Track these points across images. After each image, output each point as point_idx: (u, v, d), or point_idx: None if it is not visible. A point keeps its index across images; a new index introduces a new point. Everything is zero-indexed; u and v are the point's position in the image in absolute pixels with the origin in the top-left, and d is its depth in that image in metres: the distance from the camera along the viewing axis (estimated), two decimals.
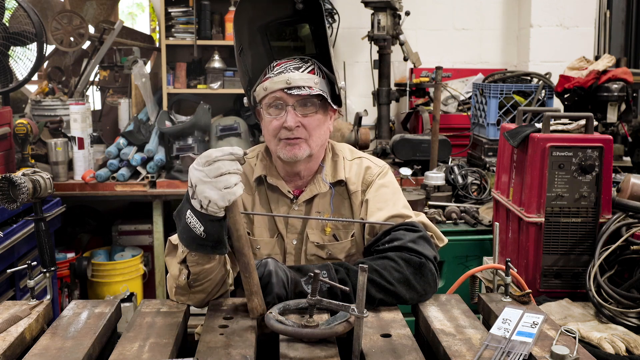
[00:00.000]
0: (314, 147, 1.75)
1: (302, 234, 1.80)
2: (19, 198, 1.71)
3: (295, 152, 1.72)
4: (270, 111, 1.73)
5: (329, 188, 1.81)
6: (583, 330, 1.88)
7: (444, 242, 1.79)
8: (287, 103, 1.70)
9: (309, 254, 1.79)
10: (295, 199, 1.81)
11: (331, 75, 1.76)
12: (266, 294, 1.46)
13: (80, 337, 1.39)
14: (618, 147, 3.37)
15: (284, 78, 1.69)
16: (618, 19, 4.81)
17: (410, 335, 1.40)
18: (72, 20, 4.10)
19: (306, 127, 1.71)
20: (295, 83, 1.68)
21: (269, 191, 1.83)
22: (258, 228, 1.81)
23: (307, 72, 1.72)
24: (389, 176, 1.85)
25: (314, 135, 1.73)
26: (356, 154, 1.89)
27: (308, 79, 1.70)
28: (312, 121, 1.72)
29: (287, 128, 1.70)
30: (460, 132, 4.34)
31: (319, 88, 1.71)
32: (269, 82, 1.71)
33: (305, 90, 1.69)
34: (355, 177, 1.82)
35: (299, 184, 1.83)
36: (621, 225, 2.17)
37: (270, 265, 1.49)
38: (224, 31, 4.25)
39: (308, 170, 1.81)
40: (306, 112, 1.71)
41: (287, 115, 1.70)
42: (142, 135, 3.96)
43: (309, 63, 1.75)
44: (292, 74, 1.70)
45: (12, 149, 3.58)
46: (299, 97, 1.69)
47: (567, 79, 3.47)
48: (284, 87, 1.69)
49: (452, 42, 4.89)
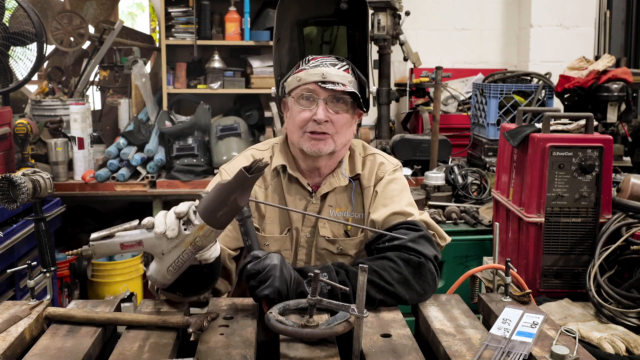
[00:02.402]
0: (339, 144, 1.75)
1: (314, 227, 1.80)
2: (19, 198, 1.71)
3: (320, 147, 1.72)
4: (301, 102, 1.73)
5: (349, 182, 1.81)
6: (583, 330, 1.88)
7: (446, 241, 1.79)
8: (319, 96, 1.70)
9: (319, 248, 1.79)
10: (314, 193, 1.81)
11: (363, 79, 1.77)
12: (267, 286, 1.45)
13: (80, 337, 1.39)
14: (618, 147, 3.36)
15: (319, 71, 1.69)
16: (618, 19, 4.82)
17: (410, 335, 1.40)
18: (72, 20, 4.10)
19: (334, 124, 1.71)
20: (330, 78, 1.69)
21: (287, 183, 1.82)
22: (270, 224, 1.80)
23: (342, 70, 1.73)
24: (399, 173, 1.85)
25: (340, 133, 1.73)
26: (369, 150, 1.89)
27: (343, 76, 1.71)
28: (340, 118, 1.72)
29: (316, 121, 1.70)
30: (460, 132, 4.34)
31: (352, 87, 1.71)
32: (303, 74, 1.72)
33: (339, 87, 1.69)
34: (369, 172, 1.83)
35: (316, 180, 1.83)
36: (621, 225, 2.17)
37: (275, 259, 1.48)
38: (224, 31, 4.25)
39: (328, 167, 1.81)
40: (337, 109, 1.72)
41: (318, 108, 1.70)
42: (142, 135, 3.96)
43: (344, 62, 1.76)
44: (328, 69, 1.70)
45: (12, 149, 3.58)
46: (333, 92, 1.70)
47: (567, 79, 3.47)
48: (318, 80, 1.69)
49: (452, 42, 4.89)
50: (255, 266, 1.46)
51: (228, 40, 4.24)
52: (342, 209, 1.81)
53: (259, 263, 1.47)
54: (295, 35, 1.87)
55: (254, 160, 1.33)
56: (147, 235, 1.37)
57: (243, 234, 1.59)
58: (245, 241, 1.58)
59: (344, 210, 1.81)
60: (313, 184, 1.82)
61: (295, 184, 1.82)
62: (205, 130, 4.03)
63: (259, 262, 1.47)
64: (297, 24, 1.86)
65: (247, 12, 4.18)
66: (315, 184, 1.82)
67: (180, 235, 1.34)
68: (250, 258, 1.49)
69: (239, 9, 4.22)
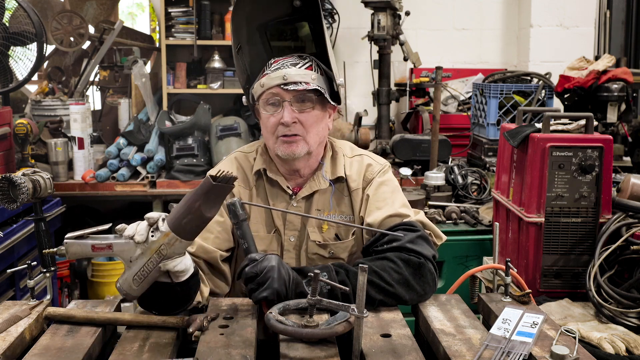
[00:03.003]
0: (312, 144, 1.73)
1: (301, 231, 1.79)
2: (19, 198, 1.71)
3: (292, 150, 1.71)
4: (267, 108, 1.72)
5: (329, 185, 1.80)
6: (583, 330, 1.88)
7: (442, 240, 1.78)
8: (283, 99, 1.69)
9: (310, 253, 1.78)
10: (294, 195, 1.80)
11: (329, 72, 1.75)
12: (265, 288, 1.44)
13: (80, 337, 1.39)
14: (618, 147, 3.36)
15: (280, 74, 1.68)
16: (618, 19, 4.82)
17: (410, 335, 1.40)
18: (72, 20, 4.10)
19: (303, 124, 1.70)
20: (291, 78, 1.67)
21: (268, 185, 1.81)
22: (255, 224, 1.79)
23: (304, 68, 1.71)
24: (389, 174, 1.84)
25: (311, 132, 1.72)
26: (357, 151, 1.88)
27: (305, 74, 1.69)
28: (309, 117, 1.71)
29: (283, 124, 1.69)
30: (460, 132, 4.34)
31: (316, 84, 1.70)
32: (265, 79, 1.70)
33: (302, 86, 1.68)
34: (357, 174, 1.81)
35: (299, 181, 1.82)
36: (621, 225, 2.17)
37: (273, 261, 1.47)
38: (224, 31, 4.25)
39: (308, 168, 1.80)
40: (303, 108, 1.70)
41: (283, 110, 1.69)
42: (142, 135, 3.96)
43: (307, 60, 1.74)
44: (289, 69, 1.69)
45: (12, 149, 3.58)
46: (295, 92, 1.68)
47: (567, 79, 3.47)
48: (280, 82, 1.68)
49: (452, 42, 4.89)
50: (253, 269, 1.46)
51: (228, 40, 4.24)
52: (330, 212, 1.79)
53: (257, 266, 1.46)
54: (257, 40, 1.84)
55: (219, 171, 1.33)
56: (118, 239, 1.37)
57: (240, 237, 1.58)
58: (242, 244, 1.57)
59: (333, 213, 1.79)
60: (295, 186, 1.81)
61: (276, 187, 1.81)
62: (205, 130, 4.03)
63: (256, 265, 1.47)
64: (258, 29, 1.84)
65: None
66: (297, 186, 1.81)
67: (147, 241, 1.34)
68: (248, 261, 1.49)
69: None
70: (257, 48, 1.85)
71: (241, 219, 1.57)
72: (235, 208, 1.56)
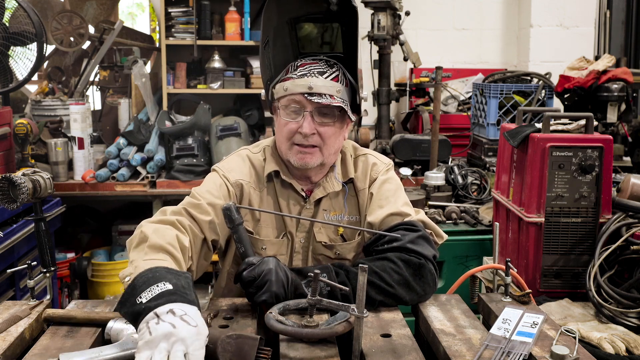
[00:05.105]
0: (327, 155, 1.72)
1: (309, 232, 1.79)
2: (19, 198, 1.71)
3: (307, 161, 1.70)
4: (287, 113, 1.69)
5: (342, 186, 1.80)
6: (583, 330, 1.88)
7: (443, 239, 1.78)
8: (305, 108, 1.66)
9: (316, 254, 1.78)
10: (307, 198, 1.80)
11: (354, 84, 1.74)
12: (264, 291, 1.44)
13: (80, 337, 1.39)
14: (618, 147, 3.36)
15: (306, 82, 1.65)
16: (618, 19, 4.82)
17: (410, 335, 1.40)
18: (72, 20, 4.10)
19: (322, 136, 1.68)
20: (317, 89, 1.64)
21: (280, 187, 1.80)
22: (265, 228, 1.78)
23: (330, 78, 1.67)
24: (392, 173, 1.84)
25: (328, 145, 1.70)
26: (360, 151, 1.88)
27: (331, 86, 1.66)
28: (328, 130, 1.69)
29: (302, 134, 1.67)
30: (460, 132, 4.34)
31: (340, 97, 1.67)
32: (290, 83, 1.67)
33: (326, 99, 1.64)
34: (362, 174, 1.81)
35: (309, 185, 1.81)
36: (621, 225, 2.17)
37: (270, 264, 1.47)
38: (224, 31, 4.25)
39: (319, 175, 1.79)
40: (324, 121, 1.68)
41: (304, 120, 1.66)
42: (142, 135, 3.96)
43: (334, 68, 1.71)
44: (316, 79, 1.65)
45: (12, 149, 3.58)
46: (319, 105, 1.65)
47: (567, 79, 3.47)
48: (304, 91, 1.65)
49: (452, 42, 4.89)
50: (251, 273, 1.46)
51: (228, 40, 4.24)
52: (337, 213, 1.79)
53: (254, 269, 1.46)
54: (286, 33, 1.81)
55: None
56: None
57: (236, 241, 1.56)
58: (238, 248, 1.56)
59: (339, 213, 1.79)
60: (306, 189, 1.80)
61: (288, 189, 1.79)
62: (205, 130, 4.03)
63: (254, 269, 1.46)
64: (288, 22, 1.80)
65: (247, 12, 4.18)
66: (308, 189, 1.81)
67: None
68: (245, 265, 1.48)
69: (239, 9, 4.22)
70: (284, 41, 1.81)
71: (237, 223, 1.55)
72: (230, 212, 1.54)
